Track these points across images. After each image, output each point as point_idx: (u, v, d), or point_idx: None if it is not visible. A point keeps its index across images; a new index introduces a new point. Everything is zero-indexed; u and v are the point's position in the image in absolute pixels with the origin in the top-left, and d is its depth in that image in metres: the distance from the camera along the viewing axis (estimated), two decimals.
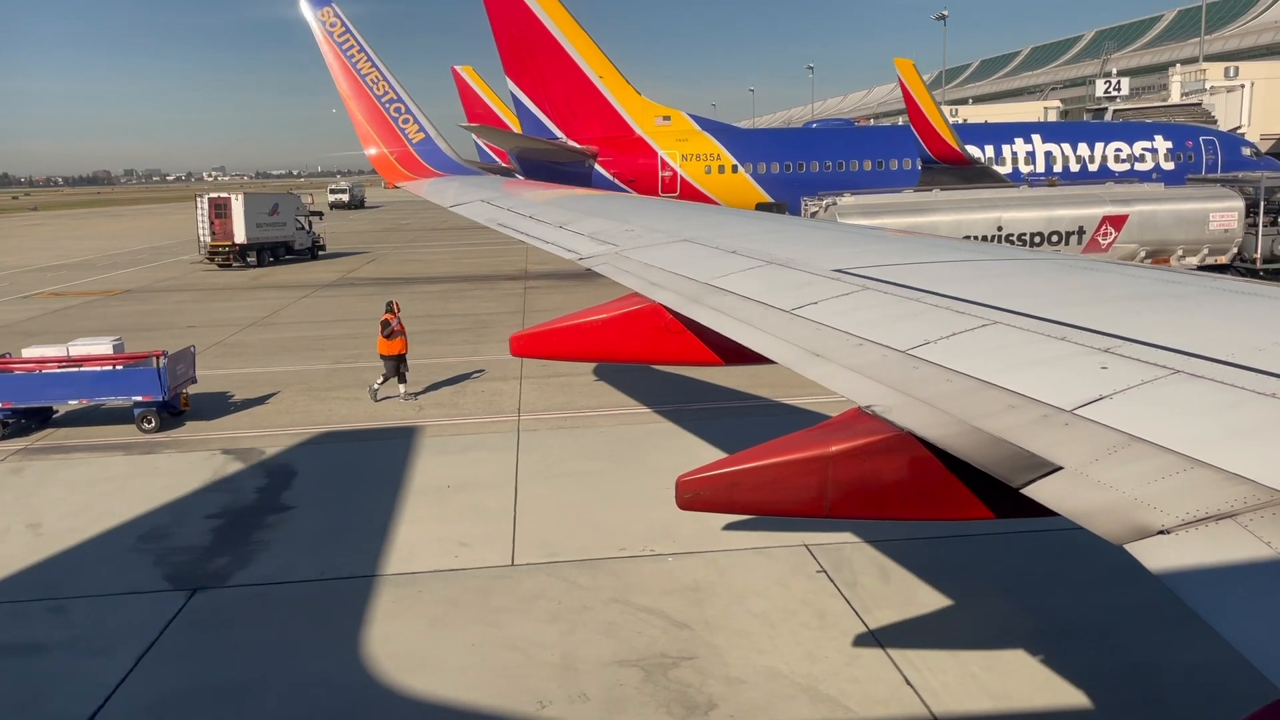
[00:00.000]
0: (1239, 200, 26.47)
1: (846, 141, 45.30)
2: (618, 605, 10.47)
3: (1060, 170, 43.49)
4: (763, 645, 9.45)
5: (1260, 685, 2.19)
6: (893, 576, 10.95)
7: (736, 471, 4.30)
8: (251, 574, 11.60)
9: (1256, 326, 4.18)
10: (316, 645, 9.79)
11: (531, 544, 12.22)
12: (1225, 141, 46.26)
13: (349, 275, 44.23)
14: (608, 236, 10.06)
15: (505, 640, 9.72)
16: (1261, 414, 3.12)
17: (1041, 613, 10.27)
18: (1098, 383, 3.61)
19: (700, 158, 43.53)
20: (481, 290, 36.97)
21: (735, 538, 12.07)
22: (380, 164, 28.65)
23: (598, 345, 8.30)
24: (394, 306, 20.06)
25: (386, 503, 13.86)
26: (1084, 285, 5.57)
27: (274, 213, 49.33)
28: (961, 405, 3.81)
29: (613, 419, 18.02)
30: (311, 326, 30.00)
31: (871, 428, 4.01)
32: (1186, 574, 2.53)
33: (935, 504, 4.05)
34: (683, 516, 12.52)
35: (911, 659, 9.10)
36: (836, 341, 4.96)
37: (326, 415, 18.81)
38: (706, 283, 6.93)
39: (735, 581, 11.00)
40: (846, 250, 7.59)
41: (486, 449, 16.35)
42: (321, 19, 27.82)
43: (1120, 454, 3.09)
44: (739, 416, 17.88)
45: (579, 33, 41.92)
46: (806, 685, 8.68)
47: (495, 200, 16.40)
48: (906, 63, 39.54)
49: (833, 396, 4.71)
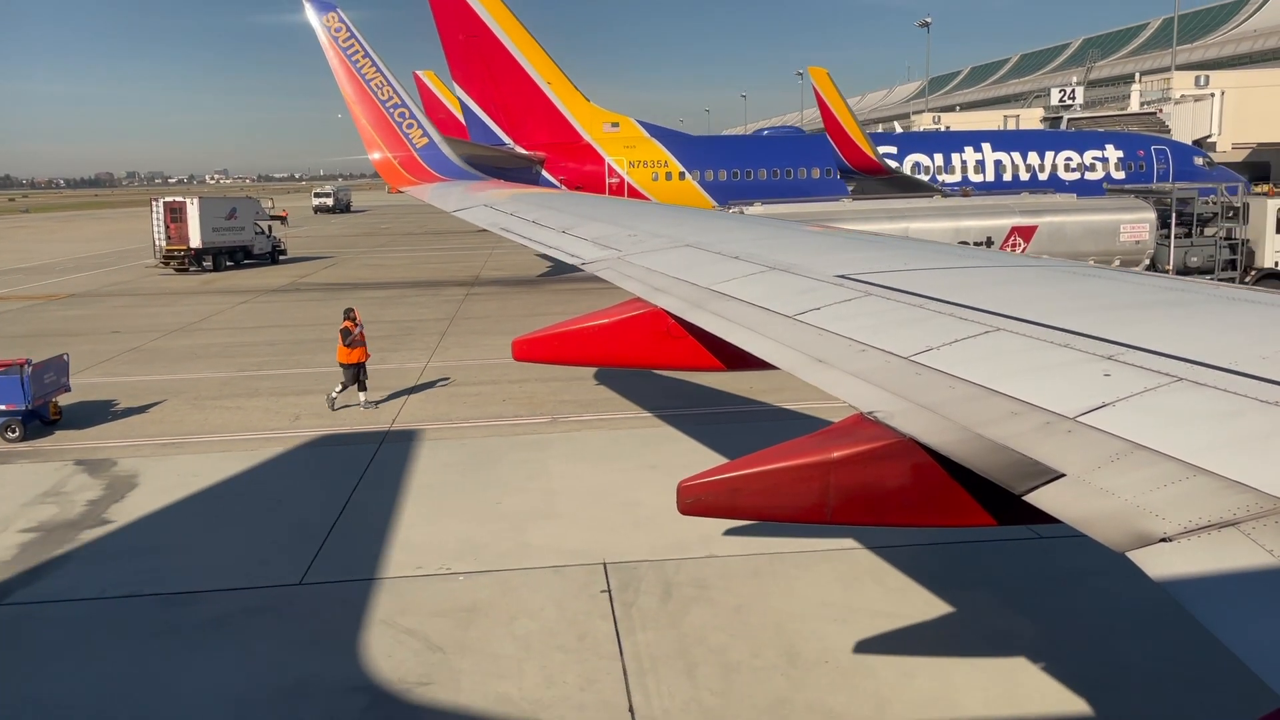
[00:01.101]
0: (1150, 212, 26.52)
1: (795, 149, 45.35)
2: (381, 627, 10.25)
3: (1010, 179, 43.63)
4: (507, 670, 9.31)
5: (1262, 692, 2.18)
6: (676, 595, 10.71)
7: (738, 477, 4.29)
8: (36, 591, 11.34)
9: (1259, 334, 4.17)
10: (57, 667, 9.55)
11: (332, 562, 12.00)
12: (1177, 151, 46.43)
13: (300, 280, 44.11)
14: (610, 241, 10.07)
15: (250, 663, 9.52)
16: (1264, 422, 3.11)
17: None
18: (1100, 390, 3.60)
19: (648, 164, 43.59)
20: (424, 297, 36.83)
21: (537, 555, 12.00)
22: (384, 168, 28.70)
23: (599, 350, 8.29)
24: (353, 314, 19.83)
25: (210, 518, 13.64)
26: (1086, 292, 5.56)
27: (231, 217, 49.30)
28: (964, 412, 3.80)
29: (497, 430, 17.84)
30: (237, 333, 29.74)
31: (874, 434, 4.00)
32: (1189, 582, 2.52)
33: (937, 510, 4.04)
34: (497, 532, 12.71)
35: (648, 683, 8.97)
36: (839, 347, 4.95)
37: (199, 425, 18.67)
38: (709, 288, 6.93)
39: (514, 601, 10.81)
40: (849, 256, 7.59)
41: (336, 461, 16.14)
42: (326, 24, 27.89)
43: (1123, 461, 3.09)
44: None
45: (527, 39, 41.95)
46: (530, 713, 8.54)
47: (499, 205, 16.42)
48: (820, 71, 39.53)
49: (834, 402, 4.71)
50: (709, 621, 10.15)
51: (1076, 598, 10.68)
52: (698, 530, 12.41)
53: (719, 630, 9.94)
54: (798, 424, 17.63)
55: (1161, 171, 43.66)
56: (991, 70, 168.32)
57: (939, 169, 44.67)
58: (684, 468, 15.18)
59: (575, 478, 14.95)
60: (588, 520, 13.14)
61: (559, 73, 42.79)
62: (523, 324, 29.46)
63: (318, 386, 21.47)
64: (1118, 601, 10.35)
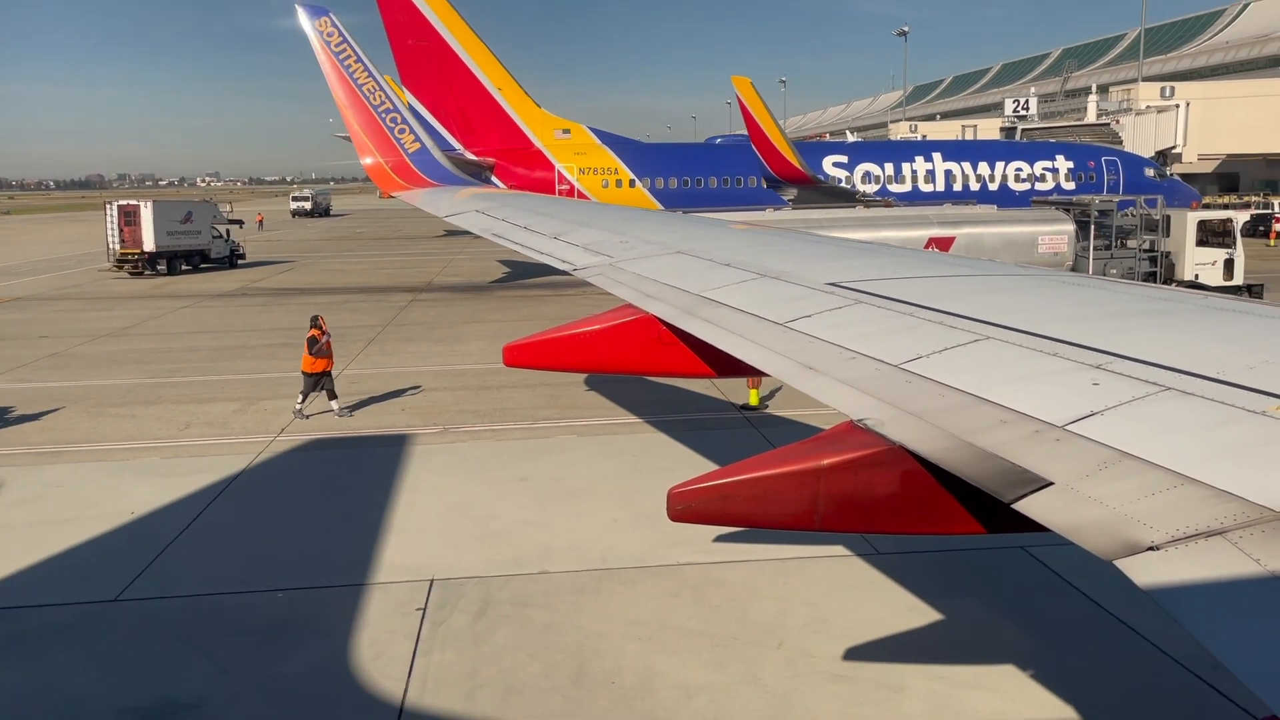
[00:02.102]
0: (1069, 224, 26.72)
1: (745, 158, 45.73)
2: (178, 646, 9.94)
3: (960, 189, 43.97)
4: (283, 691, 9.08)
5: (1252, 700, 2.20)
6: (491, 613, 10.60)
7: (729, 484, 4.29)
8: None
9: (1247, 344, 4.20)
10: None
11: (158, 578, 11.63)
12: (1128, 162, 46.86)
13: (251, 285, 43.89)
14: (602, 248, 10.08)
15: (26, 683, 9.33)
16: (1252, 432, 3.13)
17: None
18: (1089, 399, 3.62)
19: (598, 171, 43.69)
20: (368, 303, 36.67)
21: (369, 570, 11.83)
22: (376, 173, 28.68)
23: (590, 356, 8.29)
24: (320, 323, 19.52)
25: (52, 531, 13.16)
26: (1076, 301, 5.59)
27: (187, 221, 49.05)
28: (953, 420, 3.81)
29: (384, 441, 17.64)
30: (165, 339, 29.47)
31: (864, 441, 4.01)
32: (1176, 590, 2.53)
33: (926, 518, 4.05)
34: (337, 547, 12.49)
35: (424, 703, 8.88)
36: (829, 355, 4.96)
37: (87, 434, 18.26)
38: (700, 295, 6.94)
39: (325, 619, 10.56)
40: (840, 264, 7.61)
41: (207, 472, 15.67)
42: (319, 28, 27.89)
43: (1111, 470, 3.10)
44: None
45: (477, 44, 41.97)
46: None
47: (490, 210, 16.41)
48: (744, 81, 39.71)
49: (823, 409, 4.71)
50: (513, 641, 9.95)
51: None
52: (541, 545, 12.42)
53: (519, 650, 9.75)
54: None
55: (1112, 182, 44.14)
56: (973, 79, 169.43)
57: (889, 178, 45.00)
58: (554, 479, 15.28)
59: (440, 490, 14.76)
60: (434, 534, 12.93)
61: (510, 78, 42.85)
62: (456, 331, 29.75)
63: (222, 394, 21.33)
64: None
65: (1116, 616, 10.23)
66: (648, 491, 14.41)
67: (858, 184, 44.48)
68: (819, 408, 17.37)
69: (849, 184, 44.34)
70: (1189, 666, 9.13)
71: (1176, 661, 9.31)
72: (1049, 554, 11.64)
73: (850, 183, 44.44)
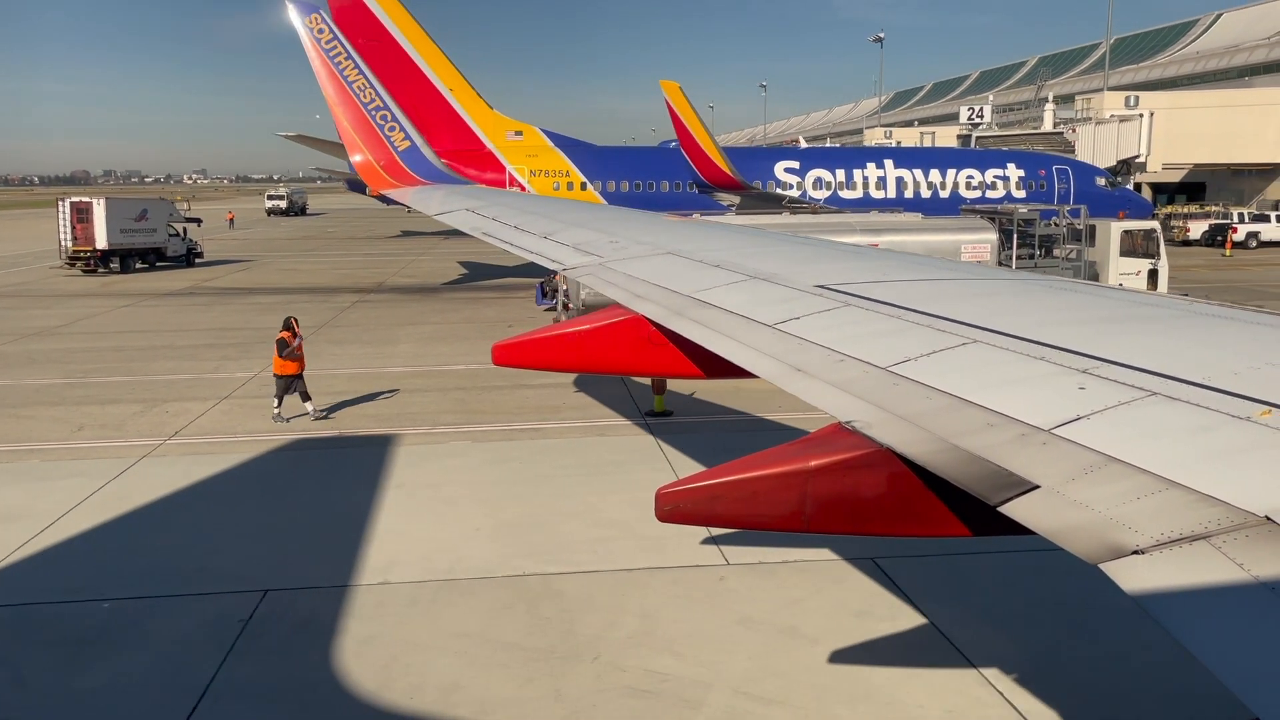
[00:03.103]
0: (992, 233, 26.99)
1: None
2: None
3: (911, 196, 44.30)
4: (67, 706, 8.86)
5: (1235, 705, 2.21)
6: (314, 626, 10.49)
7: (716, 485, 4.29)
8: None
9: (1233, 350, 4.23)
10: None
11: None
12: (1078, 170, 47.37)
13: (202, 284, 43.75)
14: (592, 248, 10.07)
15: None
16: (1236, 437, 3.15)
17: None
18: (1075, 403, 3.64)
19: (549, 174, 43.71)
20: (312, 303, 36.46)
21: (205, 580, 11.61)
22: (365, 171, 28.59)
23: (579, 356, 8.28)
24: (293, 325, 19.38)
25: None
26: (1064, 306, 5.62)
27: (141, 218, 48.88)
28: (941, 422, 3.83)
29: (274, 444, 17.51)
30: (95, 338, 29.22)
31: (851, 443, 4.02)
32: (1160, 594, 2.55)
33: (913, 520, 4.06)
34: (180, 556, 12.22)
35: (203, 717, 8.75)
36: (818, 357, 4.97)
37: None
38: (690, 296, 6.94)
39: (143, 631, 10.35)
40: (829, 266, 7.62)
41: (82, 476, 15.45)
42: (309, 25, 27.79)
43: (1096, 474, 3.12)
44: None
45: (428, 45, 41.95)
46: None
47: (480, 209, 16.37)
48: (673, 85, 39.85)
49: (812, 412, 4.72)
50: (324, 655, 9.81)
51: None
52: (392, 555, 12.27)
53: (327, 664, 9.65)
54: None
55: (1062, 191, 44.64)
56: (953, 86, 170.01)
57: (840, 184, 45.21)
58: (430, 486, 15.14)
59: (310, 496, 14.64)
60: (286, 544, 12.76)
61: (462, 79, 42.82)
62: (389, 334, 29.64)
63: (129, 396, 21.15)
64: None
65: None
66: (519, 499, 14.46)
67: (809, 190, 44.68)
68: (726, 414, 18.66)
69: (800, 190, 44.55)
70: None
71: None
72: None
73: (802, 188, 44.64)
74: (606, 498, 14.58)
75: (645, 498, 15.87)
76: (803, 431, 18.74)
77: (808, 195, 44.11)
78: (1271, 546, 2.51)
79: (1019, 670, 9.47)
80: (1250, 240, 59.69)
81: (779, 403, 18.74)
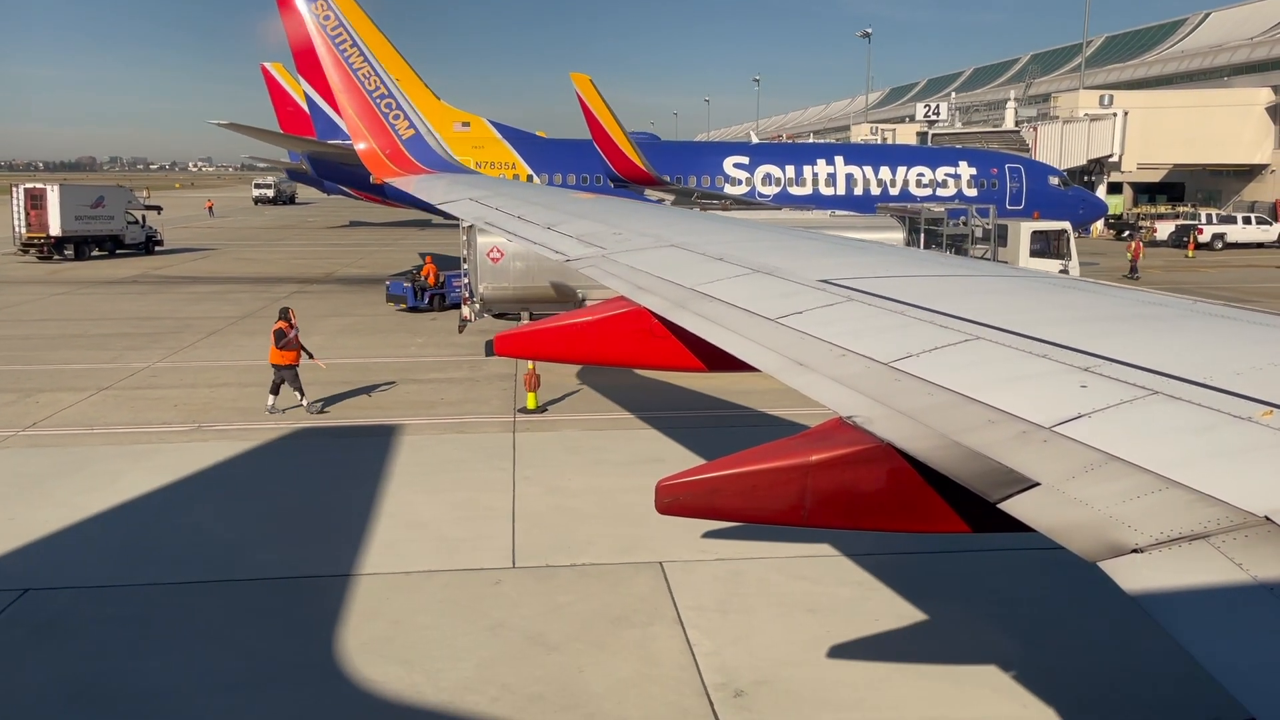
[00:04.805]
0: (899, 231, 27.21)
1: (649, 156, 45.59)
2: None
3: (861, 193, 44.34)
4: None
5: (1230, 706, 2.21)
6: (60, 625, 10.30)
7: (716, 478, 4.29)
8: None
9: (1234, 350, 4.22)
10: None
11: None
12: (1032, 169, 47.48)
13: (151, 272, 43.65)
14: (595, 239, 10.05)
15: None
16: (1237, 437, 3.15)
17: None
18: (1077, 401, 3.63)
19: (495, 166, 43.56)
20: (246, 294, 36.40)
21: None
22: (369, 159, 28.53)
23: (581, 347, 8.28)
24: (290, 316, 19.41)
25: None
26: (1066, 304, 5.60)
27: (98, 205, 49.02)
28: (942, 419, 3.82)
29: (126, 438, 17.41)
30: (11, 326, 29.22)
31: (852, 438, 4.02)
32: (1159, 593, 2.55)
33: (912, 516, 4.06)
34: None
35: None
36: (820, 351, 4.96)
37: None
38: (692, 288, 6.93)
39: None
40: (832, 261, 7.61)
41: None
42: (315, 12, 27.72)
43: (1097, 472, 3.11)
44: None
45: (375, 33, 41.80)
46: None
47: (484, 199, 16.35)
48: (583, 78, 39.69)
49: (811, 407, 4.72)
50: (42, 655, 9.66)
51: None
52: (177, 555, 12.11)
53: (39, 666, 9.50)
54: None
55: (1014, 190, 44.74)
56: (946, 83, 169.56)
57: (790, 181, 45.13)
58: (248, 481, 15.14)
59: (134, 493, 14.47)
60: (80, 541, 12.62)
61: (407, 68, 42.65)
62: (308, 325, 28.30)
63: (11, 386, 21.08)
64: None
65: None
66: (334, 496, 14.34)
67: (758, 186, 44.65)
68: (595, 411, 18.86)
69: (749, 186, 44.60)
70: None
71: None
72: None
73: (751, 184, 44.61)
74: (428, 497, 14.44)
75: (467, 498, 15.98)
76: (705, 425, 18.76)
77: (756, 191, 44.14)
78: (1271, 547, 2.51)
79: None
80: (1216, 242, 59.70)
81: (655, 401, 19.00)
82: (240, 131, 45.46)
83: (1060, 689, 9.10)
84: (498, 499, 14.40)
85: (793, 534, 12.35)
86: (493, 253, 24.53)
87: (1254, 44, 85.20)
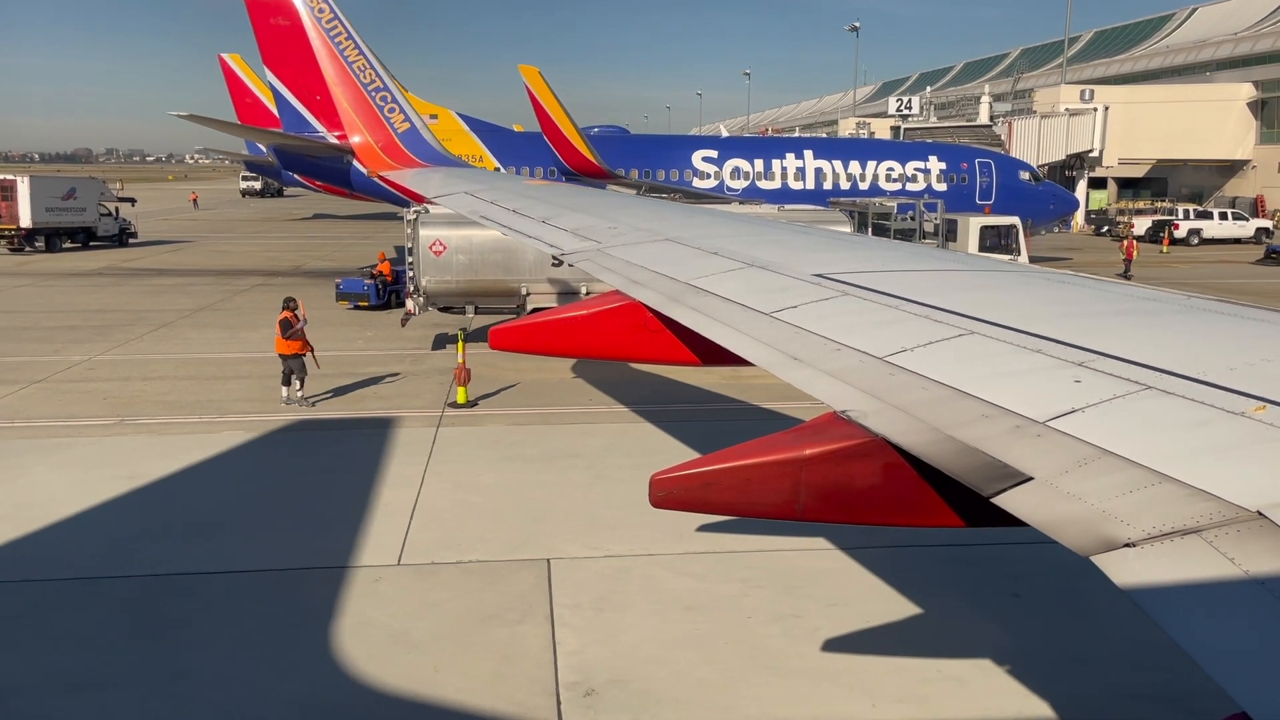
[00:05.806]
0: (847, 225, 27.30)
1: (617, 150, 45.11)
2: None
3: (830, 187, 44.32)
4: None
5: (1223, 699, 2.21)
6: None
7: (710, 471, 4.30)
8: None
9: (1228, 345, 4.23)
10: None
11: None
12: (1002, 164, 47.41)
13: (118, 264, 43.35)
14: (591, 233, 10.04)
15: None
16: (1230, 432, 3.15)
17: None
18: (1071, 396, 3.64)
19: (463, 158, 43.46)
20: (207, 286, 36.10)
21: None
22: (364, 152, 28.43)
23: (576, 341, 8.28)
24: (295, 306, 19.31)
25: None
26: (1061, 299, 5.61)
27: (69, 197, 48.76)
28: (936, 413, 3.83)
29: (48, 431, 17.15)
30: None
31: (846, 432, 4.02)
32: (1151, 588, 2.55)
33: (906, 510, 4.07)
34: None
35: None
36: (815, 345, 4.96)
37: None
38: (687, 283, 6.92)
39: None
40: (827, 255, 7.61)
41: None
42: (310, 4, 27.61)
43: (1090, 466, 3.12)
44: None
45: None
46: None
47: (479, 193, 16.32)
48: (532, 70, 39.56)
49: (806, 401, 4.72)
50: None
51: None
52: (59, 553, 11.92)
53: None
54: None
55: (984, 184, 44.70)
56: (937, 76, 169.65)
57: (759, 174, 45.10)
58: (154, 477, 14.61)
59: (33, 487, 14.33)
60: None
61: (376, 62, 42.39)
62: (256, 319, 28.65)
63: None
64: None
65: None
66: (247, 494, 14.15)
67: (726, 180, 44.67)
68: (531, 405, 18.53)
69: (717, 179, 44.70)
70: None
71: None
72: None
73: (719, 178, 44.59)
74: (329, 493, 14.23)
75: (371, 494, 14.46)
76: (642, 423, 18.44)
77: (725, 185, 44.11)
78: (1263, 542, 2.51)
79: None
80: (1192, 237, 59.76)
81: (589, 396, 18.97)
82: (201, 123, 45.04)
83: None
84: (401, 495, 14.08)
85: (688, 531, 12.34)
86: (435, 246, 24.26)
87: (1238, 39, 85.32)
